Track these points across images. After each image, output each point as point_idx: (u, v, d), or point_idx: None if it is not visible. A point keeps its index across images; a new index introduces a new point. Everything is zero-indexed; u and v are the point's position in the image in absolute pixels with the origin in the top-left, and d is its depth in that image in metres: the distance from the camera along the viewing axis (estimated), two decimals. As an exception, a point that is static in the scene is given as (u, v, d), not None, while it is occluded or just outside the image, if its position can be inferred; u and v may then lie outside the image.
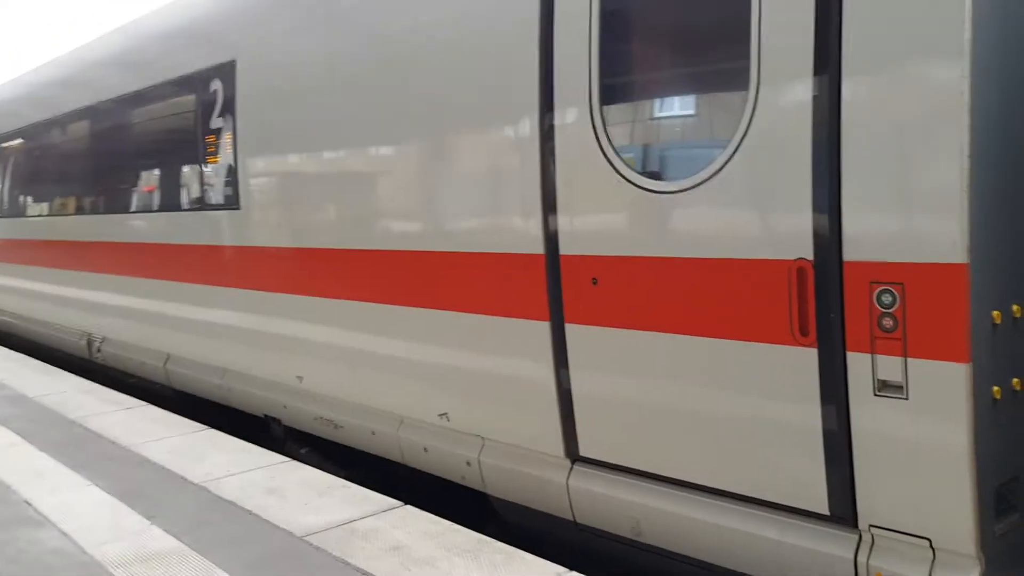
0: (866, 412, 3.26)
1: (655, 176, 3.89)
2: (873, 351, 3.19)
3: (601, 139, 3.99)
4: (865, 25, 3.13)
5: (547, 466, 4.50)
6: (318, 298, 5.88)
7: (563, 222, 4.22)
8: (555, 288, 4.29)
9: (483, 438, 4.87)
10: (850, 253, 3.22)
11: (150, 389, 8.51)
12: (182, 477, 5.09)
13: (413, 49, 5.05)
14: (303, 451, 6.37)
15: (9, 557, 4.04)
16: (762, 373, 3.53)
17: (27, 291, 11.33)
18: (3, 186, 12.15)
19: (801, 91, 3.31)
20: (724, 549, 3.78)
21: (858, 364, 3.24)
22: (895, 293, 3.11)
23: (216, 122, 6.80)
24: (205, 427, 6.26)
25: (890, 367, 3.16)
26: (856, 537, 3.38)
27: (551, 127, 4.22)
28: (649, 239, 3.87)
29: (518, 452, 4.66)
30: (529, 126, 4.33)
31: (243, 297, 6.69)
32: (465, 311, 4.81)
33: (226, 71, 6.62)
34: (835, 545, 3.42)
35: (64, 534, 4.30)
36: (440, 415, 5.08)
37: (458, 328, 4.86)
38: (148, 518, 4.45)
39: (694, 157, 3.77)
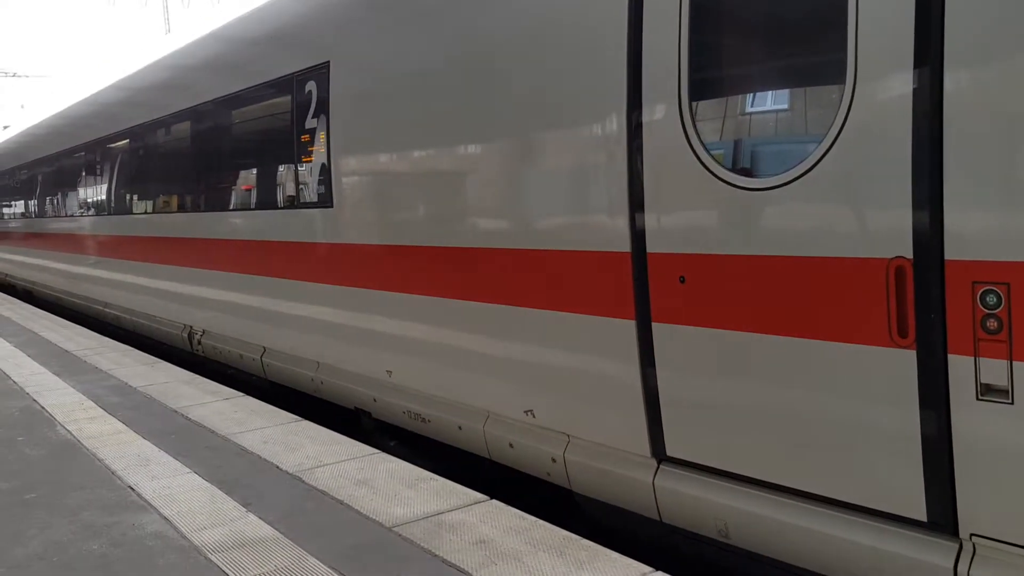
0: (968, 416, 3.14)
1: (746, 172, 3.82)
2: (976, 354, 3.07)
3: (690, 135, 3.94)
4: (969, 14, 3.01)
5: (633, 465, 4.47)
6: (408, 294, 5.98)
7: (650, 219, 4.18)
8: (641, 286, 4.26)
9: (568, 435, 4.87)
10: (952, 252, 3.10)
11: (248, 381, 8.78)
12: (276, 466, 5.24)
13: (501, 47, 5.08)
14: (391, 444, 6.49)
15: (113, 540, 4.23)
16: (857, 375, 3.43)
17: (132, 285, 11.84)
18: (108, 186, 12.73)
19: (901, 84, 3.21)
20: (815, 554, 3.69)
21: (960, 367, 3.12)
22: (1000, 294, 2.99)
23: (310, 122, 6.97)
24: (299, 418, 6.43)
25: (994, 370, 3.04)
26: (956, 546, 3.26)
27: (639, 123, 4.19)
28: (739, 237, 3.80)
29: (604, 450, 4.64)
30: (616, 123, 4.31)
31: (335, 293, 6.85)
32: (551, 309, 4.82)
33: (320, 73, 6.78)
34: (933, 553, 3.31)
35: (165, 519, 4.47)
36: (526, 411, 5.10)
37: (544, 325, 4.87)
38: (244, 505, 4.60)
39: (787, 153, 3.69)
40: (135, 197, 11.79)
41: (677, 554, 4.43)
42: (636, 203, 4.23)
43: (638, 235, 4.23)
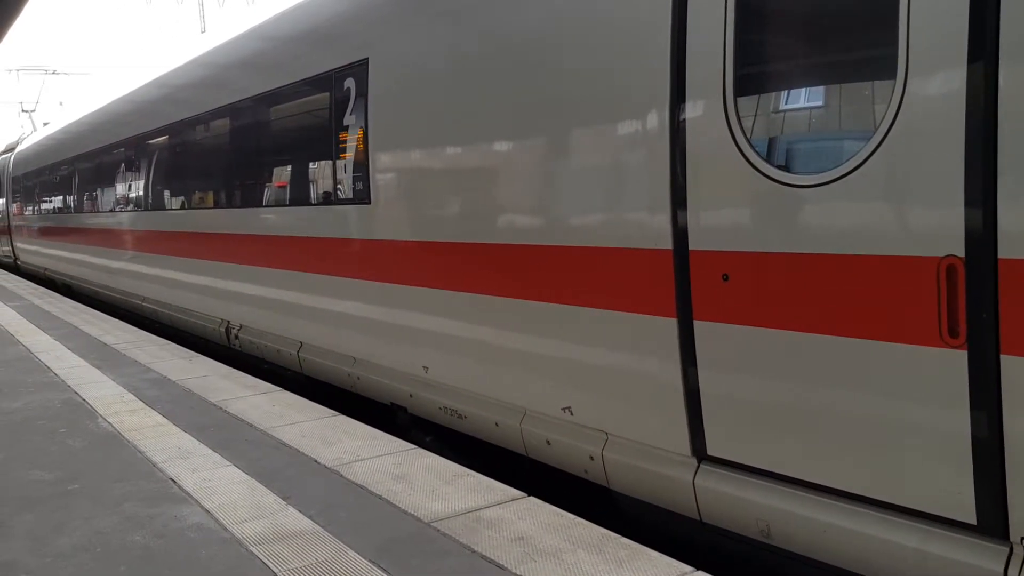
0: (1020, 418, 3.07)
1: (792, 169, 3.77)
2: None
3: (735, 131, 3.90)
4: None
5: (673, 464, 4.44)
6: (445, 291, 5.99)
7: (693, 217, 4.15)
8: (683, 284, 4.22)
9: (607, 433, 4.85)
10: (1006, 250, 3.04)
11: (284, 375, 8.84)
12: (315, 460, 5.27)
13: (543, 43, 5.06)
14: (427, 439, 6.50)
15: (155, 531, 4.26)
16: (906, 375, 3.38)
17: (170, 280, 11.97)
18: (146, 182, 12.88)
19: (954, 79, 3.15)
20: (860, 556, 3.64)
21: (1013, 368, 3.06)
22: None
23: (349, 119, 7.00)
24: (336, 413, 6.45)
25: None
26: (1006, 549, 3.19)
27: (682, 119, 4.15)
28: (786, 234, 3.76)
29: (643, 449, 4.62)
30: (659, 118, 4.28)
31: (373, 289, 6.88)
32: (591, 306, 4.80)
33: (359, 70, 6.80)
34: (983, 557, 3.25)
35: (206, 511, 4.50)
36: (563, 408, 5.08)
37: (583, 322, 4.85)
38: (284, 498, 4.63)
39: (834, 149, 3.64)
40: (173, 193, 11.92)
41: (718, 554, 4.39)
42: (679, 200, 4.19)
43: (680, 232, 4.20)
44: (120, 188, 14.40)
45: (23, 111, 41.55)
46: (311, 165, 8.04)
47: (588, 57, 4.72)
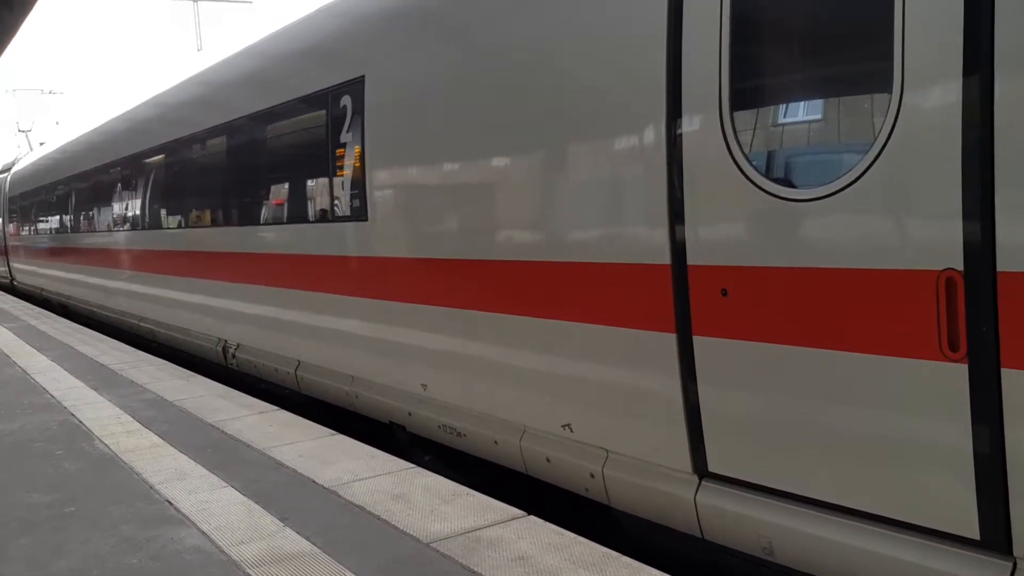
0: (1022, 432, 3.05)
1: (789, 183, 3.77)
2: None
3: (731, 145, 3.90)
4: (1020, 18, 2.95)
5: (674, 481, 4.41)
6: (443, 308, 5.96)
7: (691, 231, 4.14)
8: (682, 299, 4.21)
9: (607, 450, 4.82)
10: (1005, 263, 3.03)
11: (282, 394, 8.81)
12: (312, 480, 5.23)
13: (538, 59, 5.07)
14: (426, 458, 6.47)
15: (152, 554, 4.23)
16: (906, 389, 3.36)
17: (166, 299, 11.94)
18: (142, 201, 12.86)
19: (950, 92, 3.14)
20: (862, 572, 3.61)
21: (1014, 381, 3.04)
22: None
23: (345, 137, 7.00)
24: (334, 432, 6.42)
25: None
26: (1010, 565, 3.17)
27: (679, 134, 4.15)
28: (783, 249, 3.74)
29: (643, 466, 4.59)
30: (655, 133, 4.28)
31: (370, 306, 6.85)
32: (589, 322, 4.78)
33: (355, 87, 6.81)
34: (986, 572, 3.22)
35: (203, 533, 4.46)
36: (563, 426, 5.05)
37: (582, 339, 4.83)
38: (281, 520, 4.59)
39: (831, 163, 3.63)
40: (169, 212, 11.90)
41: (720, 571, 4.36)
42: (676, 215, 4.19)
43: (678, 247, 4.19)
44: (116, 207, 14.39)
45: (19, 131, 41.65)
46: (308, 183, 8.03)
47: (584, 73, 4.72)
